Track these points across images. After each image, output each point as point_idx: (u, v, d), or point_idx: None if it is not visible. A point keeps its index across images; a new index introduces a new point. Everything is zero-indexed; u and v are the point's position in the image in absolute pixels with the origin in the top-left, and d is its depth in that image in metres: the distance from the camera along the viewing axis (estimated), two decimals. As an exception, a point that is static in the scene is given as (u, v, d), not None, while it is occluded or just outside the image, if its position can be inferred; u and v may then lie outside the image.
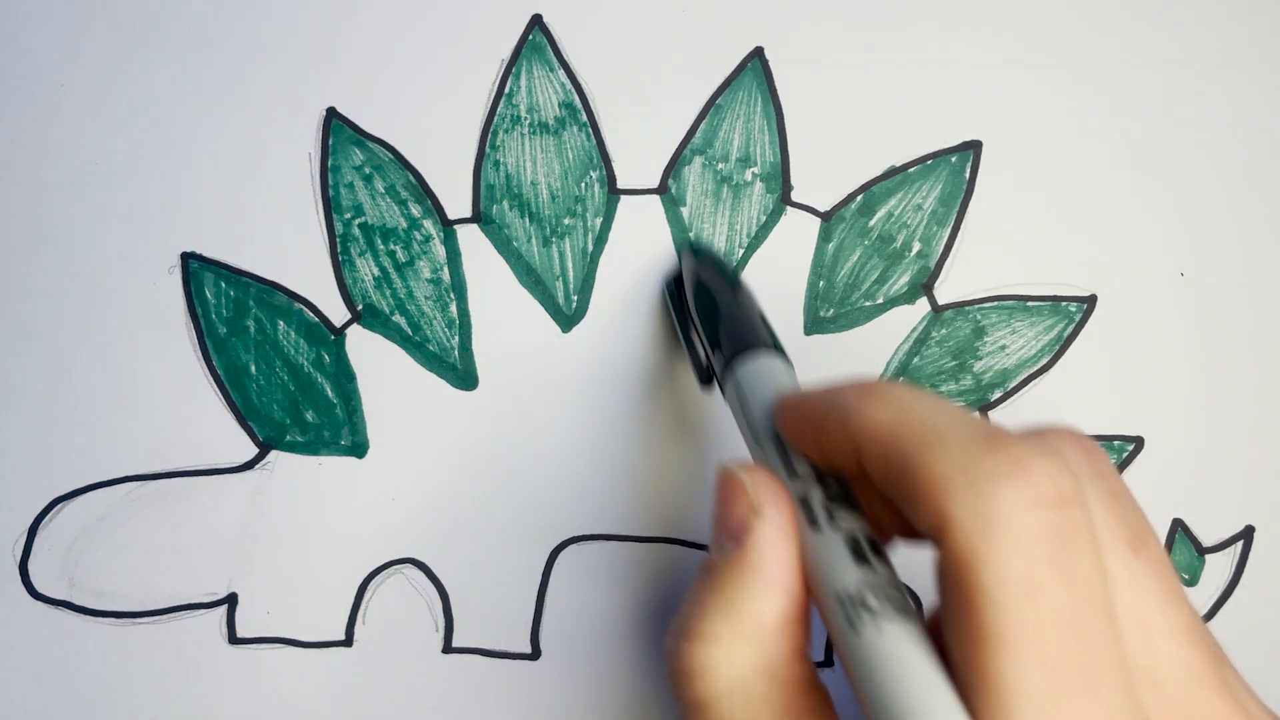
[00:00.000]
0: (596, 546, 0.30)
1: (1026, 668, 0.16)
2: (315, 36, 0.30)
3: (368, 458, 0.30)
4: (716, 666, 0.20)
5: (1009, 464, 0.16)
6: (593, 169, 0.30)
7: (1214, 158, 0.30)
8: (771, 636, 0.20)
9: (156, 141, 0.30)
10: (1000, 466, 0.16)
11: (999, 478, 0.16)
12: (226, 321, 0.30)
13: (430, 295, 0.30)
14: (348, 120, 0.30)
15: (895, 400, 0.19)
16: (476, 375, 0.30)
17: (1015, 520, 0.16)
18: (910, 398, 0.19)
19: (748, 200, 0.30)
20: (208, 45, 0.30)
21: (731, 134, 0.30)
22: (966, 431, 0.17)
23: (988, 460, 0.17)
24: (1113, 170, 0.30)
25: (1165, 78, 0.29)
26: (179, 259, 0.30)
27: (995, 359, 0.30)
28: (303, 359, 0.30)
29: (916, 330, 0.30)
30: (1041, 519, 0.16)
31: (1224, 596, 0.30)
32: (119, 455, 0.30)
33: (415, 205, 0.30)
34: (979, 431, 0.17)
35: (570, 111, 0.30)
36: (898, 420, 0.18)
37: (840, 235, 0.30)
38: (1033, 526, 0.16)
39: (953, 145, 0.30)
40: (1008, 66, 0.29)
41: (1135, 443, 0.30)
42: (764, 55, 0.30)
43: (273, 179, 0.30)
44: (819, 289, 0.30)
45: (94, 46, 0.30)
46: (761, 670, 0.19)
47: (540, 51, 0.30)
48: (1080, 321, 0.30)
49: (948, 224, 0.30)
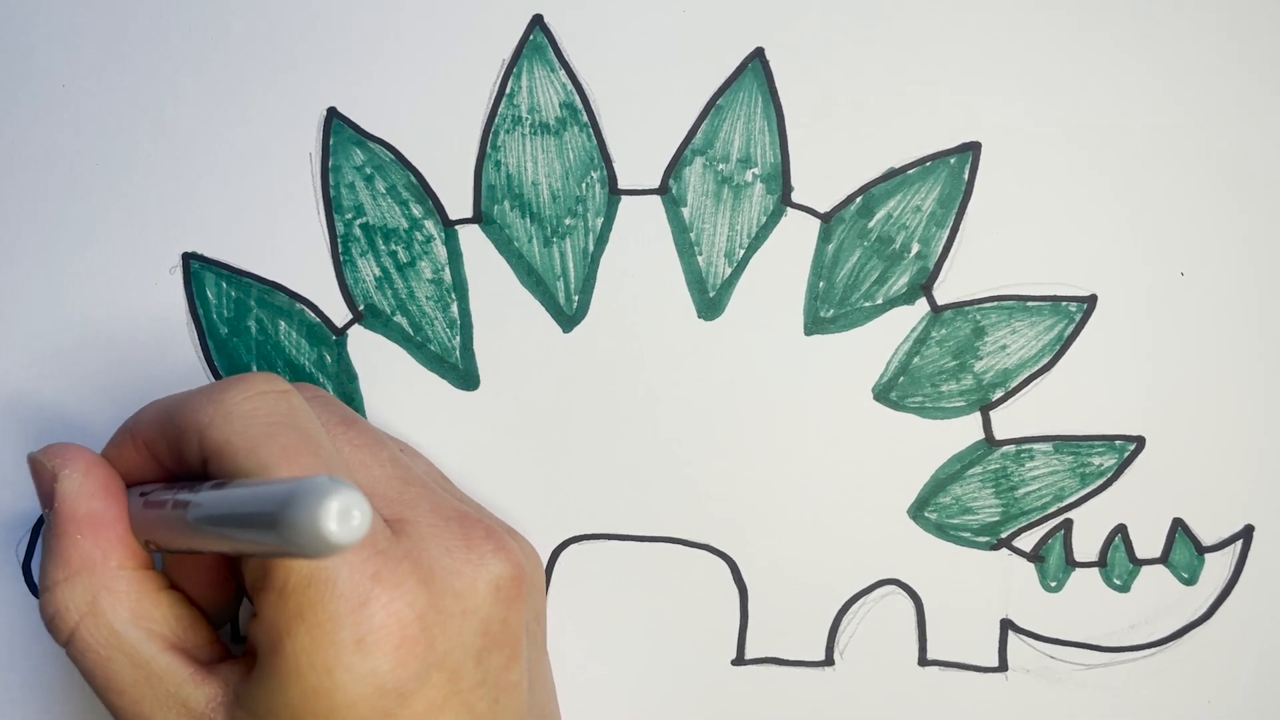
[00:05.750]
0: (596, 546, 0.30)
1: (275, 474, 0.22)
2: (316, 36, 0.30)
3: (369, 458, 0.30)
4: (65, 602, 0.24)
5: (233, 379, 0.24)
6: (594, 169, 0.30)
7: (1214, 158, 0.30)
8: (99, 563, 0.24)
9: (157, 141, 0.30)
10: (227, 381, 0.24)
11: (227, 386, 0.24)
12: (228, 322, 0.30)
13: (431, 295, 0.30)
14: (348, 120, 0.30)
15: (154, 402, 0.26)
16: (478, 375, 0.30)
17: (244, 405, 0.23)
18: (161, 398, 0.26)
19: (748, 201, 0.30)
20: (208, 45, 0.30)
21: (732, 134, 0.30)
22: (199, 388, 0.25)
23: (219, 384, 0.24)
24: (1112, 170, 0.30)
25: (1165, 78, 0.29)
26: (180, 259, 0.30)
27: (996, 359, 0.30)
28: (304, 359, 0.30)
29: (916, 330, 0.30)
30: (262, 400, 0.24)
31: (1223, 596, 0.30)
32: (121, 456, 0.30)
33: (416, 205, 0.30)
34: (207, 385, 0.25)
35: (571, 112, 0.30)
36: (156, 408, 0.25)
37: (840, 236, 0.30)
38: (255, 405, 0.23)
39: (952, 147, 0.30)
40: (1007, 67, 0.29)
41: (1135, 443, 0.30)
42: (764, 55, 0.30)
43: (274, 179, 0.30)
44: (819, 289, 0.30)
45: (94, 46, 0.30)
46: (100, 588, 0.24)
47: (541, 52, 0.30)
48: (1080, 321, 0.30)
49: (946, 225, 0.30)
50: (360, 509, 0.18)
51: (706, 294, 0.30)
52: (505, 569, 0.25)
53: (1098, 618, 0.31)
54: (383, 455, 0.26)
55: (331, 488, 0.18)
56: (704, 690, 0.31)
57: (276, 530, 0.18)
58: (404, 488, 0.25)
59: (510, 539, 0.25)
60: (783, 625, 0.31)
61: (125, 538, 0.25)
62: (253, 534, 0.20)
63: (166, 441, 0.24)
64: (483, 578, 0.24)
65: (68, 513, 0.24)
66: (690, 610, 0.31)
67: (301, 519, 0.18)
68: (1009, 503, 0.30)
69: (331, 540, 0.18)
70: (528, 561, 0.26)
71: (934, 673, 0.31)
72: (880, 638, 0.31)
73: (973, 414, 0.30)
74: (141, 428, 0.25)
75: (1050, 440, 0.30)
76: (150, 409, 0.25)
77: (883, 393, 0.30)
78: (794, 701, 0.31)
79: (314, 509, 0.18)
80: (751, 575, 0.30)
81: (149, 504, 0.24)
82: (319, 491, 0.18)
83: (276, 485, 0.19)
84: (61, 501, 0.25)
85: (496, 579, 0.24)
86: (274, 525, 0.18)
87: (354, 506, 0.18)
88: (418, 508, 0.25)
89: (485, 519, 0.26)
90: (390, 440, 0.28)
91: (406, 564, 0.23)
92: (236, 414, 0.23)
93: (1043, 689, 0.31)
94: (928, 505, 0.30)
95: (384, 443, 0.26)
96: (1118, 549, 0.30)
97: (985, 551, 0.30)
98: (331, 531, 0.18)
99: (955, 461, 0.30)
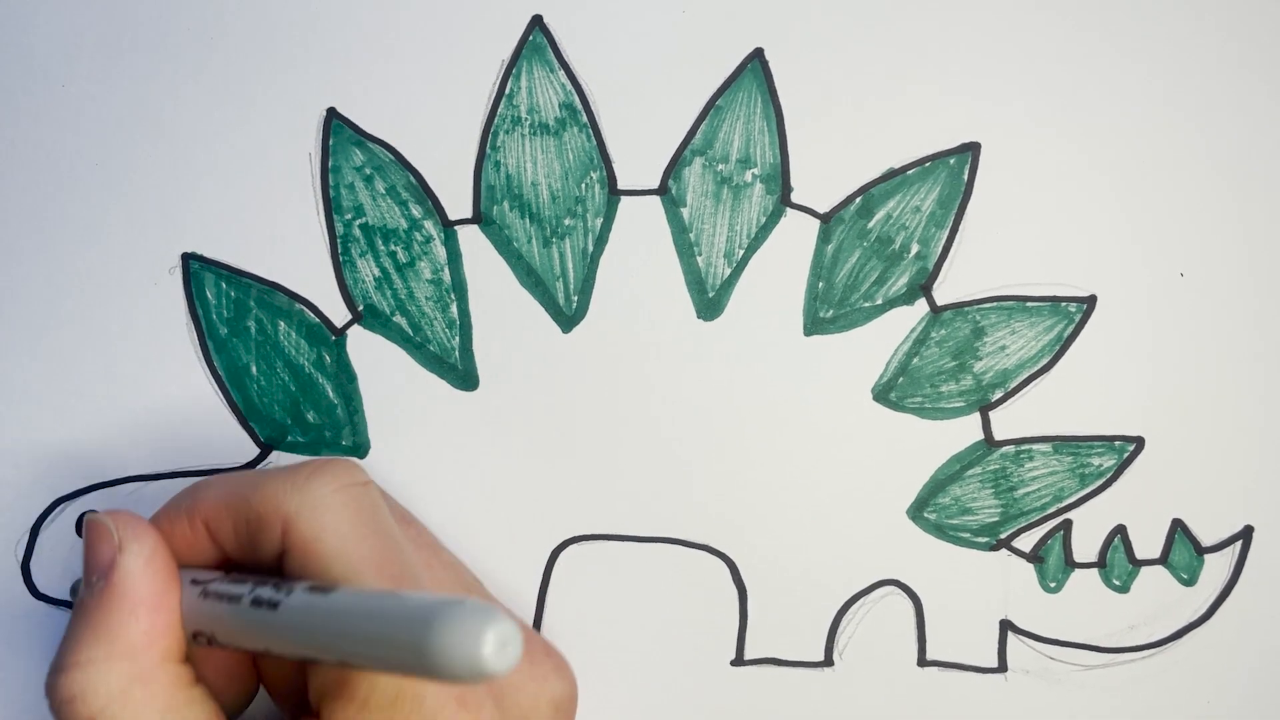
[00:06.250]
0: (596, 546, 0.30)
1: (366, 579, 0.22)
2: (315, 36, 0.30)
3: (369, 458, 0.30)
4: (95, 685, 0.22)
5: (316, 466, 0.23)
6: (593, 170, 0.30)
7: (1214, 158, 0.30)
8: (143, 649, 0.22)
9: (156, 141, 0.30)
10: (311, 468, 0.23)
11: (313, 474, 0.23)
12: (227, 322, 0.30)
13: (431, 296, 0.30)
14: (348, 121, 0.30)
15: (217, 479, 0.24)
16: (477, 376, 0.30)
17: (333, 499, 0.22)
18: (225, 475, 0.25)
19: (748, 201, 0.30)
20: (208, 45, 0.30)
21: (731, 135, 0.30)
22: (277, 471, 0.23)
23: (302, 469, 0.23)
24: (1112, 170, 0.30)
25: (1165, 78, 0.29)
26: (180, 259, 0.30)
27: (995, 359, 0.30)
28: (304, 359, 0.30)
29: (915, 331, 0.30)
30: (350, 494, 0.23)
31: (1223, 596, 0.30)
32: (121, 456, 0.30)
33: (416, 206, 0.30)
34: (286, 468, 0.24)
35: (570, 112, 0.30)
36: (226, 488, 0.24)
37: (839, 237, 0.30)
38: (345, 500, 0.23)
39: (952, 147, 0.30)
40: (1007, 67, 0.29)
41: (1135, 443, 0.30)
42: (764, 56, 0.30)
43: (273, 179, 0.30)
44: (818, 290, 0.30)
45: (94, 46, 0.30)
46: (137, 677, 0.22)
47: (540, 52, 0.30)
48: (1080, 321, 0.30)
49: (946, 225, 0.30)
50: (515, 640, 0.18)
51: (706, 294, 0.30)
52: (564, 689, 0.25)
53: (1097, 618, 0.31)
54: (444, 557, 0.26)
55: (489, 616, 0.18)
56: (703, 690, 0.31)
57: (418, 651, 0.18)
58: (466, 594, 0.25)
59: (561, 656, 0.26)
60: (782, 626, 0.31)
61: (176, 628, 0.23)
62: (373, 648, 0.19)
63: (235, 525, 0.23)
64: (545, 695, 0.25)
65: (126, 590, 0.23)
66: (690, 610, 0.31)
67: (457, 645, 0.18)
68: (1008, 503, 0.30)
69: (487, 669, 0.18)
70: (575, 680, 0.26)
71: (933, 673, 0.31)
72: (879, 638, 0.31)
73: (972, 414, 0.30)
74: (205, 507, 0.24)
75: (1050, 441, 0.30)
76: (214, 488, 0.24)
77: (882, 393, 0.30)
78: (793, 702, 0.31)
79: (473, 636, 0.18)
80: (751, 575, 0.30)
81: (209, 594, 0.23)
82: (477, 617, 0.18)
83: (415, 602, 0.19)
84: (122, 578, 0.23)
85: (558, 699, 0.25)
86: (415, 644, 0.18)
87: (510, 637, 0.18)
88: None
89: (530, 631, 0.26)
90: None
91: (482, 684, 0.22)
92: (326, 508, 0.22)
93: (1042, 690, 0.31)
94: (927, 506, 0.30)
95: (439, 543, 0.27)
96: (1117, 550, 0.30)
97: (985, 552, 0.30)
98: (488, 660, 0.18)
99: (955, 462, 0.30)
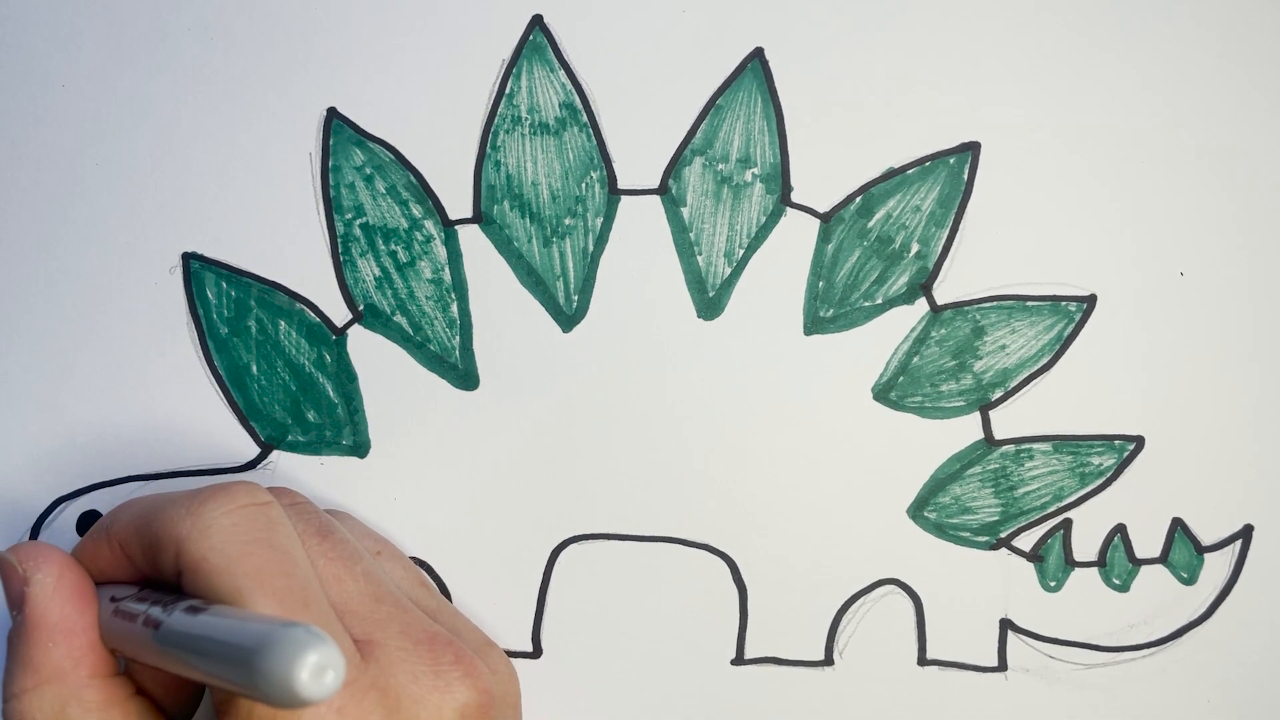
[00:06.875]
0: (596, 546, 0.30)
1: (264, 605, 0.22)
2: (315, 36, 0.30)
3: (369, 458, 0.30)
4: (31, 713, 0.23)
5: (212, 490, 0.24)
6: (593, 169, 0.30)
7: (1214, 157, 0.30)
8: (69, 671, 0.24)
9: (156, 141, 0.30)
10: (207, 493, 0.24)
11: (207, 499, 0.23)
12: (228, 321, 0.30)
13: (431, 295, 0.30)
14: (348, 120, 0.30)
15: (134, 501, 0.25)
16: (477, 375, 0.30)
17: (222, 520, 0.23)
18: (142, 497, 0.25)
19: (748, 201, 0.30)
20: (208, 45, 0.30)
21: (732, 134, 0.30)
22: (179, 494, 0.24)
23: (199, 494, 0.24)
24: (1112, 170, 0.30)
25: (1165, 77, 0.29)
26: (180, 259, 0.30)
27: (995, 358, 0.30)
28: (304, 359, 0.30)
29: (915, 330, 0.30)
30: (242, 515, 0.23)
31: (1223, 595, 0.30)
32: (121, 455, 0.30)
33: (416, 205, 0.30)
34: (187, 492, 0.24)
35: (571, 112, 0.30)
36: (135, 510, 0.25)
37: (839, 236, 0.30)
38: (235, 520, 0.23)
39: (951, 147, 0.30)
40: (1007, 67, 0.29)
41: (1135, 442, 0.30)
42: (764, 55, 0.30)
43: (274, 179, 0.30)
44: (818, 289, 0.30)
45: (94, 46, 0.30)
46: (69, 699, 0.23)
47: (541, 52, 0.30)
48: (1080, 321, 0.30)
49: (946, 225, 0.30)
50: (335, 667, 0.18)
51: (706, 294, 0.30)
52: (471, 696, 0.24)
53: (1097, 617, 0.31)
54: (356, 570, 0.26)
55: (308, 642, 0.18)
56: (703, 690, 0.31)
57: (248, 673, 0.18)
58: (375, 606, 0.25)
59: (479, 661, 0.25)
60: (782, 625, 0.31)
61: (96, 646, 0.24)
62: (222, 669, 0.19)
63: (142, 547, 0.24)
64: (448, 705, 0.24)
65: (38, 619, 0.24)
66: (690, 610, 0.31)
67: (275, 670, 0.18)
68: (1008, 502, 0.30)
69: (302, 696, 0.18)
70: (498, 684, 0.26)
71: (933, 672, 0.31)
72: (880, 637, 0.31)
73: (972, 414, 0.30)
74: (118, 529, 0.25)
75: (1050, 440, 0.30)
76: (128, 510, 0.25)
77: (882, 392, 0.30)
78: (793, 701, 0.31)
79: (289, 662, 0.17)
80: (751, 575, 0.30)
81: (119, 613, 0.24)
82: (295, 644, 0.18)
83: (252, 625, 0.19)
84: (33, 607, 0.24)
85: (462, 707, 0.24)
86: (246, 668, 0.18)
87: (329, 665, 0.18)
88: (388, 628, 0.25)
89: (456, 638, 0.26)
90: (371, 541, 0.28)
91: (373, 695, 0.23)
92: (214, 529, 0.23)
93: (1042, 689, 0.31)
94: (927, 505, 0.30)
95: (358, 556, 0.26)
96: (1117, 549, 0.30)
97: (985, 551, 0.30)
98: (303, 686, 0.17)
99: (955, 461, 0.30)
